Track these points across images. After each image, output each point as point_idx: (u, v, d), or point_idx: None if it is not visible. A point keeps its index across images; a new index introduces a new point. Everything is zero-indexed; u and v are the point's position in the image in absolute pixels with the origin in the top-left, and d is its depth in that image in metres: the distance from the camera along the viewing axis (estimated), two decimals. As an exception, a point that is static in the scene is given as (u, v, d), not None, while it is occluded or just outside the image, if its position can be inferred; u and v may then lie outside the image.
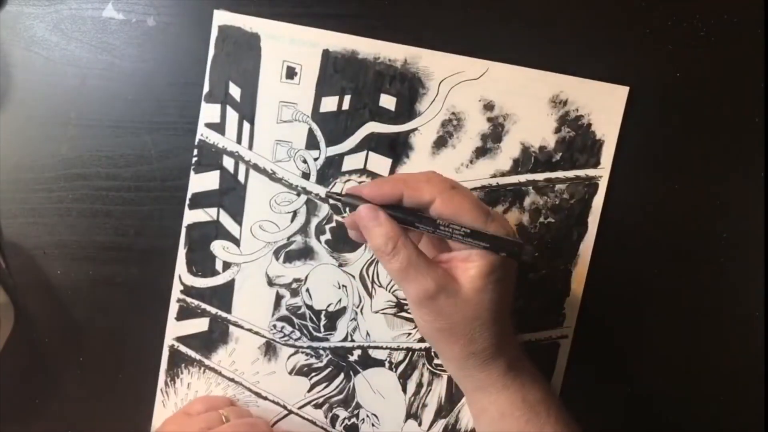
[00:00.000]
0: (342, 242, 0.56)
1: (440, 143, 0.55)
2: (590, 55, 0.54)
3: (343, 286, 0.57)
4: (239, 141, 0.54)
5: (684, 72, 0.54)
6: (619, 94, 0.54)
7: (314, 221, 0.56)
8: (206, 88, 0.54)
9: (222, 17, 0.53)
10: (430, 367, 0.57)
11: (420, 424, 0.58)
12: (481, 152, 0.55)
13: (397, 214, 0.44)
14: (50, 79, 0.54)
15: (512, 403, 0.46)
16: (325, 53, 0.53)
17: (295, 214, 0.56)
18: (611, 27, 0.54)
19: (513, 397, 0.46)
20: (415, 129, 0.54)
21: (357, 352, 0.57)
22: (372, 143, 0.55)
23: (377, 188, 0.44)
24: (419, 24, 0.53)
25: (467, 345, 0.44)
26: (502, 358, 0.45)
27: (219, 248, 0.56)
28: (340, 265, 0.56)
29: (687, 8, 0.54)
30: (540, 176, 0.55)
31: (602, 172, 0.55)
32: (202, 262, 0.56)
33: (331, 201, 0.55)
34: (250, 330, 0.57)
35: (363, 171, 0.55)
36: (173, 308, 0.57)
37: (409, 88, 0.54)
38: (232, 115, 0.54)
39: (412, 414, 0.58)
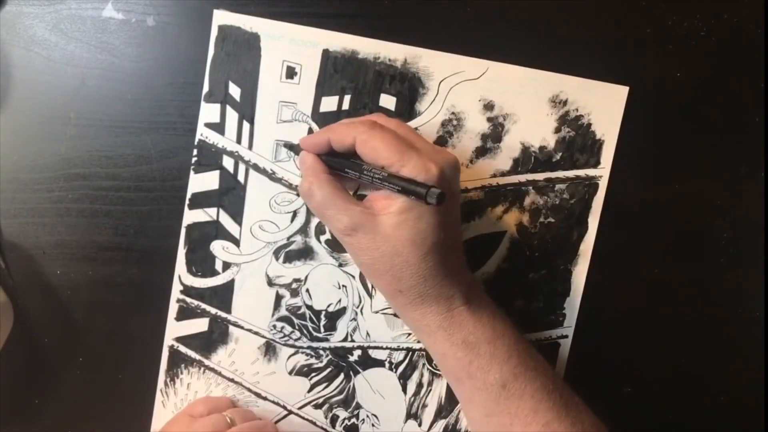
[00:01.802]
0: (342, 242, 0.56)
1: (440, 143, 0.54)
2: (590, 54, 0.54)
3: (343, 286, 0.57)
4: (239, 141, 0.54)
5: (684, 72, 0.54)
6: (619, 93, 0.54)
7: (314, 221, 0.56)
8: (206, 88, 0.54)
9: (222, 17, 0.53)
10: (430, 368, 0.57)
11: (420, 425, 0.58)
12: (481, 152, 0.55)
13: (330, 160, 0.48)
14: (50, 79, 0.54)
15: (452, 345, 0.46)
16: (325, 53, 0.53)
17: (294, 214, 0.56)
18: (611, 27, 0.54)
19: (452, 339, 0.46)
20: (416, 129, 0.54)
21: (357, 353, 0.57)
22: (372, 143, 0.54)
23: (309, 138, 0.49)
24: (419, 24, 0.53)
25: (392, 282, 0.45)
26: (436, 299, 0.46)
27: (219, 248, 0.56)
28: (340, 265, 0.56)
29: (687, 8, 0.54)
30: (540, 176, 0.55)
31: (602, 172, 0.55)
32: (202, 263, 0.56)
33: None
34: (249, 330, 0.57)
35: (363, 171, 0.55)
36: (173, 308, 0.57)
37: (409, 87, 0.54)
38: (231, 115, 0.54)
39: (412, 414, 0.58)
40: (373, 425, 0.58)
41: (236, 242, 0.56)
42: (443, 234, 0.45)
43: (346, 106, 0.54)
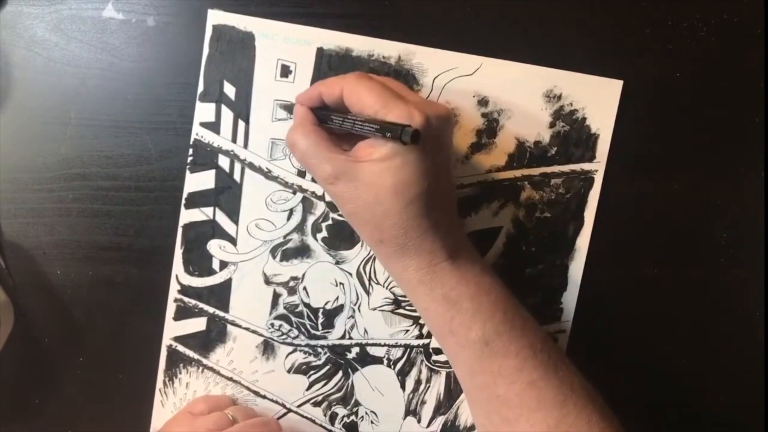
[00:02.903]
0: (339, 240, 0.56)
1: (435, 139, 0.55)
2: (589, 54, 0.54)
3: (340, 283, 0.57)
4: (234, 140, 0.55)
5: (684, 72, 0.54)
6: (613, 88, 0.54)
7: (310, 219, 0.56)
8: (201, 88, 0.54)
9: (216, 16, 0.53)
10: (428, 364, 0.57)
11: (419, 421, 0.58)
12: (476, 148, 0.55)
13: (319, 112, 0.49)
14: (50, 79, 0.55)
15: (433, 300, 0.46)
16: (320, 51, 0.54)
17: (291, 212, 0.56)
18: (611, 26, 0.54)
19: (433, 294, 0.46)
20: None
21: (355, 350, 0.57)
22: (367, 140, 0.55)
23: (302, 93, 0.50)
24: (418, 23, 0.54)
25: (374, 232, 0.45)
26: (417, 251, 0.45)
27: (216, 247, 0.56)
28: (337, 263, 0.56)
29: (687, 8, 0.54)
30: (535, 171, 0.55)
31: (598, 166, 0.55)
32: (199, 262, 0.57)
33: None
34: (247, 329, 0.57)
35: (359, 168, 0.55)
36: (170, 308, 0.57)
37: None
38: (227, 114, 0.55)
39: (411, 411, 0.58)
40: (372, 422, 0.58)
41: (233, 241, 0.56)
42: (427, 184, 0.44)
43: (341, 103, 0.54)
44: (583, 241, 0.56)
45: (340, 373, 0.58)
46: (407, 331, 0.57)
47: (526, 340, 0.46)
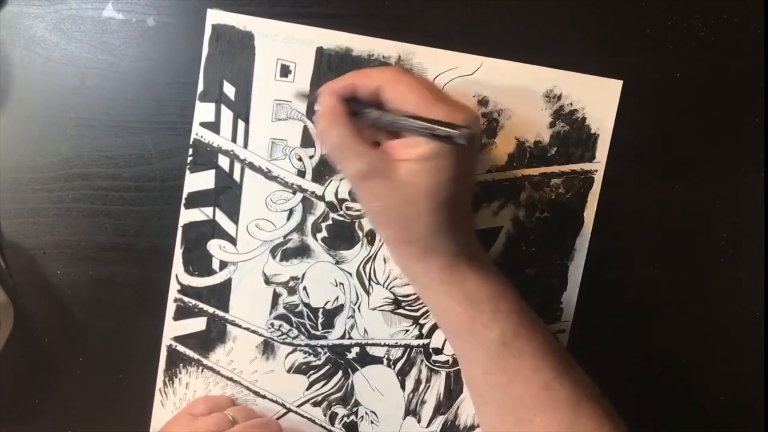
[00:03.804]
0: (339, 240, 0.56)
1: (435, 139, 0.55)
2: (589, 54, 0.54)
3: (340, 283, 0.57)
4: (234, 140, 0.55)
5: (684, 72, 0.54)
6: (613, 87, 0.54)
7: (310, 219, 0.56)
8: (200, 87, 0.54)
9: (215, 16, 0.53)
10: (428, 364, 0.57)
11: (419, 421, 0.58)
12: (476, 148, 0.55)
13: (350, 104, 0.45)
14: (50, 79, 0.55)
15: (453, 299, 0.46)
16: (319, 51, 0.54)
17: (291, 212, 0.56)
18: (611, 26, 0.54)
19: (453, 294, 0.46)
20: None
21: (355, 350, 0.57)
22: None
23: (332, 82, 0.47)
24: (417, 22, 0.54)
25: (402, 231, 0.45)
26: (442, 253, 0.45)
27: (216, 247, 0.56)
28: (337, 263, 0.56)
29: (687, 8, 0.54)
30: (535, 171, 0.55)
31: (597, 166, 0.55)
32: (199, 262, 0.57)
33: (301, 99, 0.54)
34: (247, 329, 0.57)
35: (359, 168, 0.55)
36: (170, 308, 0.57)
37: (403, 84, 0.54)
38: (226, 114, 0.55)
39: (411, 411, 0.58)
40: (371, 422, 0.58)
41: (233, 241, 0.56)
42: (458, 188, 0.44)
43: (341, 103, 0.54)
44: (583, 241, 0.55)
45: (340, 373, 0.58)
46: (407, 331, 0.57)
47: (541, 342, 0.46)
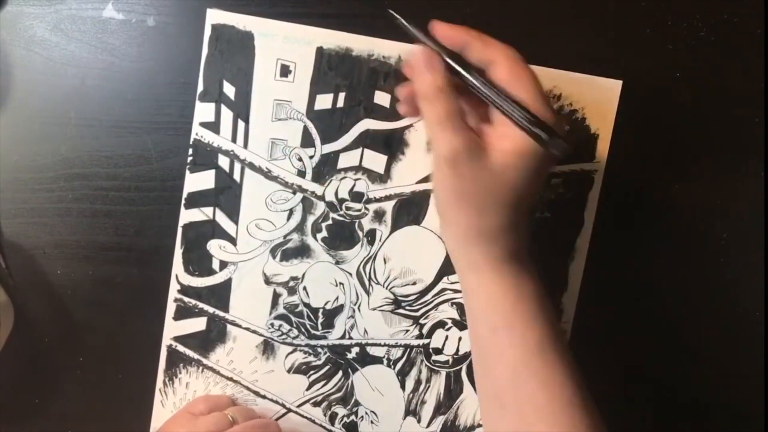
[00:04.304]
0: (339, 240, 0.56)
1: (435, 139, 0.55)
2: (589, 55, 0.54)
3: (340, 283, 0.57)
4: (234, 140, 0.55)
5: (683, 72, 0.54)
6: (613, 88, 0.54)
7: (310, 219, 0.56)
8: (200, 87, 0.54)
9: (215, 16, 0.53)
10: (428, 364, 0.57)
11: (419, 421, 0.58)
12: (476, 148, 0.55)
13: (453, 61, 0.44)
14: (50, 79, 0.55)
15: (503, 291, 0.45)
16: (319, 51, 0.54)
17: (291, 212, 0.56)
18: (611, 26, 0.54)
19: (505, 285, 0.45)
20: (410, 125, 0.55)
21: (355, 350, 0.57)
22: (367, 140, 0.55)
23: (450, 31, 0.45)
24: (416, 21, 0.54)
25: (474, 216, 0.44)
26: (504, 246, 0.45)
27: (216, 247, 0.56)
28: (337, 263, 0.56)
29: (687, 8, 0.54)
30: (535, 171, 0.55)
31: (597, 166, 0.55)
32: (199, 262, 0.57)
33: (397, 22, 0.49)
34: (247, 329, 0.57)
35: (359, 168, 0.55)
36: (170, 308, 0.57)
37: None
38: (226, 114, 0.55)
39: (411, 411, 0.58)
40: (372, 422, 0.58)
41: (233, 241, 0.56)
42: (536, 189, 0.44)
43: (340, 103, 0.54)
44: (583, 241, 0.55)
45: (340, 373, 0.58)
46: (407, 331, 0.57)
47: (569, 356, 0.46)
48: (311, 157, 0.55)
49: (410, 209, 0.56)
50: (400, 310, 0.57)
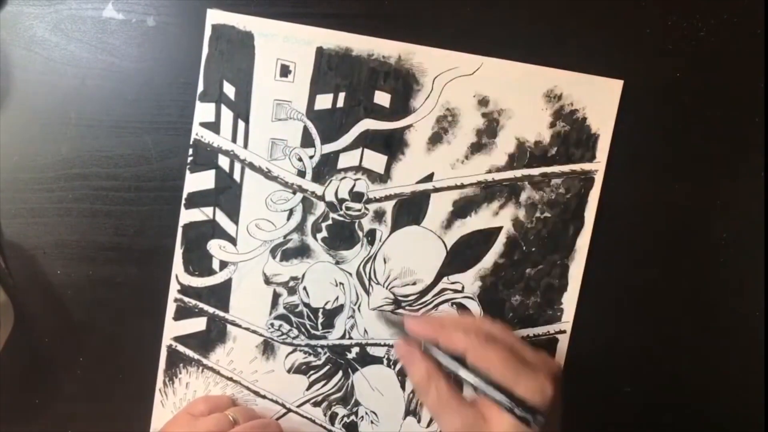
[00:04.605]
0: (339, 240, 0.56)
1: (435, 139, 0.55)
2: (589, 54, 0.54)
3: (340, 283, 0.57)
4: (234, 140, 0.55)
5: (683, 72, 0.54)
6: (614, 88, 0.54)
7: (310, 219, 0.56)
8: (200, 87, 0.54)
9: (215, 16, 0.53)
10: (428, 364, 0.57)
11: (419, 421, 0.58)
12: (476, 148, 0.55)
13: (436, 354, 0.47)
14: (50, 79, 0.55)
15: None
16: (319, 51, 0.54)
17: (291, 212, 0.56)
18: (611, 26, 0.54)
19: None
20: (410, 125, 0.55)
21: (355, 350, 0.57)
22: (367, 140, 0.55)
23: (419, 328, 0.48)
24: (416, 22, 0.54)
25: None
26: None
27: (216, 247, 0.56)
28: (337, 263, 0.56)
29: (687, 8, 0.54)
30: (535, 171, 0.55)
31: (598, 166, 0.55)
32: (199, 262, 0.57)
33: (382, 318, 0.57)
34: (247, 329, 0.57)
35: (359, 168, 0.55)
36: (170, 308, 0.57)
37: (403, 84, 0.54)
38: (226, 114, 0.55)
39: (411, 411, 0.58)
40: (372, 422, 0.58)
41: (233, 241, 0.56)
42: None
43: (340, 103, 0.54)
44: (583, 241, 0.55)
45: (340, 373, 0.58)
46: (407, 331, 0.57)
47: None
48: (311, 157, 0.55)
49: (410, 209, 0.56)
50: (400, 310, 0.57)
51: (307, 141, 0.55)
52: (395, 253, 0.56)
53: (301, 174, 0.55)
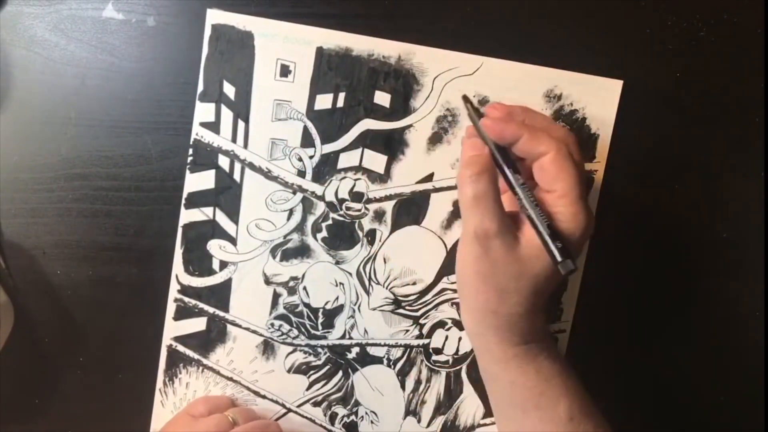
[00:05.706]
0: (339, 240, 0.56)
1: (435, 139, 0.55)
2: (589, 54, 0.54)
3: (340, 283, 0.57)
4: (234, 140, 0.55)
5: (684, 72, 0.54)
6: (613, 88, 0.54)
7: (310, 219, 0.56)
8: (200, 87, 0.54)
9: (215, 16, 0.53)
10: (428, 364, 0.57)
11: (419, 421, 0.58)
12: (476, 148, 0.55)
13: (500, 151, 0.45)
14: (50, 79, 0.55)
15: (524, 373, 0.46)
16: (319, 51, 0.54)
17: (291, 212, 0.56)
18: (611, 26, 0.54)
19: (525, 368, 0.46)
20: (410, 125, 0.55)
21: (355, 350, 0.57)
22: (367, 140, 0.55)
23: (502, 126, 0.45)
24: (416, 22, 0.54)
25: (494, 300, 0.45)
26: (522, 330, 0.45)
27: (216, 247, 0.56)
28: (337, 263, 0.56)
29: (687, 8, 0.54)
30: (535, 171, 0.55)
31: (598, 166, 0.55)
32: (199, 262, 0.57)
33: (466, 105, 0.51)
34: (247, 329, 0.57)
35: (359, 168, 0.55)
36: (170, 308, 0.57)
37: (403, 84, 0.54)
38: (226, 114, 0.55)
39: (411, 411, 0.58)
40: (372, 422, 0.58)
41: (233, 241, 0.56)
42: (556, 282, 0.46)
43: (340, 103, 0.54)
44: (583, 241, 0.56)
45: (340, 373, 0.58)
46: (407, 331, 0.57)
47: (600, 420, 0.47)
48: (311, 157, 0.55)
49: (410, 209, 0.56)
50: (400, 310, 0.57)
51: (307, 141, 0.55)
52: (395, 253, 0.56)
53: (301, 174, 0.55)
